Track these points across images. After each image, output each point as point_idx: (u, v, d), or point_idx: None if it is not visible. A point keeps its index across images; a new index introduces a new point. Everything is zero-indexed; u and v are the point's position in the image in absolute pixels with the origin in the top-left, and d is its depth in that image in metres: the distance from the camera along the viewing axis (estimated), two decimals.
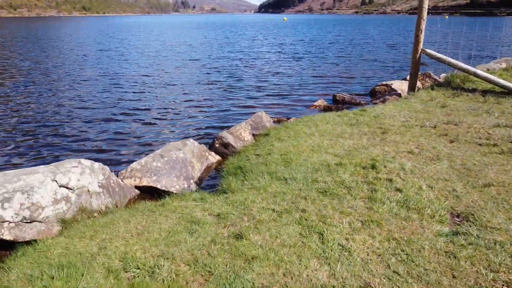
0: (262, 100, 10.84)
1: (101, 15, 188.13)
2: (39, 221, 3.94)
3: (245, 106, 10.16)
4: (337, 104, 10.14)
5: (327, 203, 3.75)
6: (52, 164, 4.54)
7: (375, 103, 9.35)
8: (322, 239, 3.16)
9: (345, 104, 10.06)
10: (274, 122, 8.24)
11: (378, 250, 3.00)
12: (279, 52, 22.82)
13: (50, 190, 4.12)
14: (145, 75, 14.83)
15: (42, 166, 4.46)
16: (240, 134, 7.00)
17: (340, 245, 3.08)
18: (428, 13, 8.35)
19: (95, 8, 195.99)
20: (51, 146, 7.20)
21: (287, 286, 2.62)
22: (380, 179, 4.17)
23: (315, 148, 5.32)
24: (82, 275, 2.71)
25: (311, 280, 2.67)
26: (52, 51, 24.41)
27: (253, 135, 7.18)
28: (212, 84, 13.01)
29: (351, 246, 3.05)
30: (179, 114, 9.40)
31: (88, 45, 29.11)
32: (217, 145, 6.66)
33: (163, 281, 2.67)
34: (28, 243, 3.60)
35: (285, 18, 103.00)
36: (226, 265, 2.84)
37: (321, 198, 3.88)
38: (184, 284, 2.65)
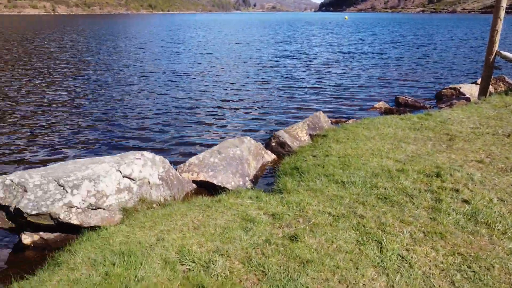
0: (320, 100, 10.69)
1: (165, 12, 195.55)
2: (103, 209, 4.15)
3: (303, 106, 10.06)
4: (399, 107, 9.73)
5: (386, 210, 3.59)
6: (117, 155, 4.77)
7: (441, 107, 8.86)
8: (381, 247, 3.03)
9: (408, 107, 9.63)
10: (332, 123, 8.08)
11: (442, 265, 2.82)
12: (338, 51, 22.39)
13: (114, 180, 4.32)
14: (203, 72, 15.17)
15: (108, 156, 4.69)
16: (297, 134, 6.94)
17: (400, 255, 2.93)
18: (506, 12, 7.76)
19: (160, 6, 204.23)
20: (117, 137, 7.57)
21: None
22: (445, 189, 3.93)
23: (375, 152, 5.13)
24: (141, 264, 2.81)
25: None
26: (118, 47, 25.72)
27: (310, 135, 7.08)
28: (269, 83, 13.02)
29: (411, 257, 2.90)
30: (236, 111, 9.52)
31: (150, 41, 30.34)
32: (273, 144, 6.64)
33: (217, 277, 2.69)
34: (92, 228, 3.80)
35: (346, 17, 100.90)
36: (280, 266, 2.81)
37: (380, 204, 3.73)
38: (237, 282, 2.66)
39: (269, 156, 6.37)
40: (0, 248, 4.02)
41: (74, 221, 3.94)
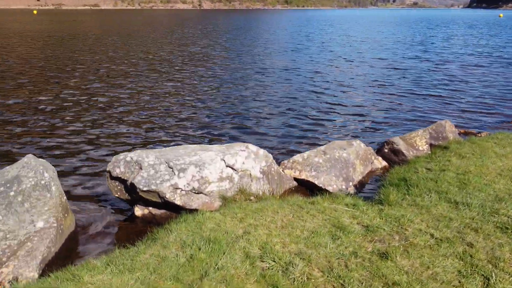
0: (448, 108, 9.60)
1: (300, 8, 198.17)
2: (205, 194, 4.38)
3: (426, 114, 9.14)
4: None
5: (504, 243, 3.08)
6: (223, 145, 4.99)
7: None
8: (487, 284, 2.61)
9: None
10: (459, 134, 7.24)
11: None
12: (482, 55, 19.90)
13: (218, 168, 4.53)
14: (319, 72, 14.86)
15: (215, 145, 4.94)
16: (414, 142, 6.38)
17: None
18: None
19: (295, 1, 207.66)
20: (225, 128, 7.86)
21: None
22: None
23: (504, 173, 4.44)
24: (224, 253, 2.89)
25: None
26: (244, 41, 26.85)
27: (431, 145, 6.45)
28: (389, 86, 12.11)
29: None
30: (348, 113, 9.10)
31: (276, 36, 31.01)
32: (385, 150, 6.23)
33: (294, 281, 2.63)
34: (192, 211, 4.04)
35: (501, 15, 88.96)
36: (362, 283, 2.61)
37: (498, 235, 3.21)
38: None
39: (379, 163, 5.99)
40: (117, 215, 4.55)
41: (178, 201, 4.25)
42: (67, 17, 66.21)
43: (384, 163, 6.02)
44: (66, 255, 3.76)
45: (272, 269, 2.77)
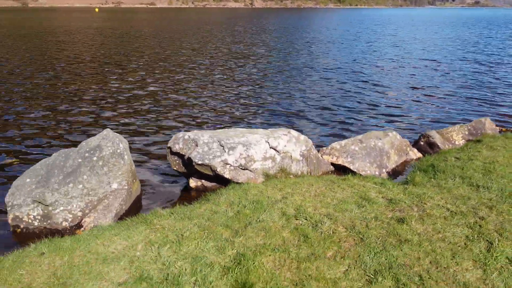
0: (491, 111, 9.59)
1: (353, 7, 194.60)
2: (250, 170, 5.02)
3: (468, 114, 9.23)
4: None
5: None
6: (268, 129, 5.59)
7: None
8: (490, 248, 3.03)
9: None
10: (500, 131, 7.38)
11: None
12: None
13: (262, 149, 5.15)
14: (362, 71, 15.08)
15: (261, 129, 5.56)
16: (450, 137, 6.66)
17: (508, 258, 2.90)
18: None
19: (348, 0, 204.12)
20: (271, 115, 8.57)
21: (428, 271, 2.73)
22: None
23: None
24: (264, 211, 3.50)
25: (456, 276, 2.70)
26: (301, 39, 27.28)
27: (468, 141, 6.69)
28: (434, 86, 12.19)
29: None
30: (389, 108, 9.40)
31: (322, 35, 31.13)
32: (421, 143, 6.56)
33: (321, 234, 3.19)
34: (238, 184, 4.69)
35: None
36: (378, 238, 3.12)
37: (511, 212, 3.57)
38: (337, 241, 3.10)
39: (414, 154, 6.34)
40: (175, 185, 5.30)
41: (227, 175, 4.91)
42: (127, 15, 69.71)
43: (419, 155, 6.36)
44: (133, 213, 4.53)
45: (303, 224, 3.34)
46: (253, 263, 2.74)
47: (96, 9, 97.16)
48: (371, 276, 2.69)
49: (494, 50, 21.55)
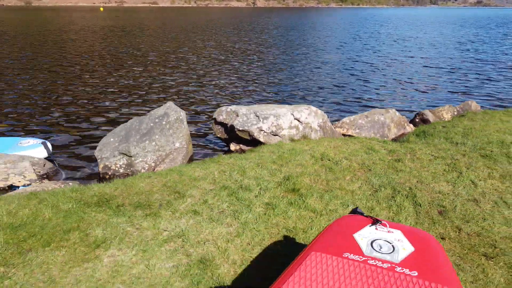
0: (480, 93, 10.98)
1: (355, 6, 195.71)
2: (279, 136, 6.34)
3: (461, 98, 10.60)
4: None
5: (481, 161, 4.75)
6: (292, 105, 6.92)
7: None
8: (460, 175, 4.34)
9: None
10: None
11: (499, 189, 4.01)
12: None
13: (288, 120, 6.47)
14: (374, 63, 16.40)
15: (287, 105, 6.88)
16: (441, 115, 7.98)
17: (472, 181, 4.21)
18: None
19: (350, 0, 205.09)
20: (295, 95, 10.12)
21: (415, 186, 4.05)
22: None
23: (501, 130, 6.02)
24: (298, 155, 4.83)
25: (434, 188, 4.02)
26: (304, 37, 28.58)
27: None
28: (430, 79, 13.58)
29: (479, 183, 4.15)
30: (392, 90, 10.80)
31: (317, 34, 32.41)
32: (416, 120, 7.89)
33: (341, 167, 4.51)
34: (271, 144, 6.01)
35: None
36: (382, 169, 4.45)
37: (478, 158, 4.88)
38: (352, 171, 4.42)
39: (411, 129, 7.66)
40: (218, 148, 6.64)
41: (261, 139, 6.24)
42: (131, 14, 71.04)
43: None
44: None
45: (327, 163, 4.66)
46: (297, 180, 4.07)
47: (101, 9, 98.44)
48: (377, 188, 4.02)
49: (488, 49, 22.82)
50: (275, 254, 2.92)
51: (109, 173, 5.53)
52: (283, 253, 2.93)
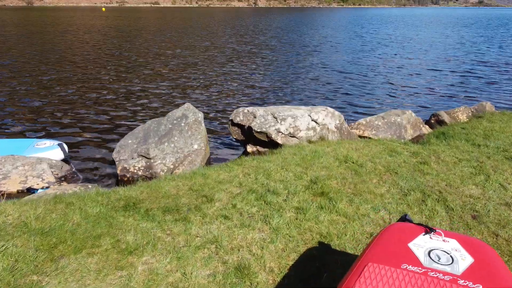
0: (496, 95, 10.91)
1: (356, 6, 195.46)
2: (296, 138, 6.27)
3: (475, 100, 10.53)
4: None
5: (507, 164, 4.68)
6: (309, 106, 6.85)
7: None
8: (488, 179, 4.27)
9: None
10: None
11: None
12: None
13: (305, 121, 6.40)
14: (381, 65, 16.32)
15: (303, 106, 6.82)
16: (457, 116, 7.91)
17: (500, 184, 4.14)
18: None
19: (352, 0, 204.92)
20: (313, 96, 10.16)
21: (445, 189, 3.98)
22: None
23: None
24: (321, 157, 4.76)
25: (464, 191, 3.95)
26: (302, 36, 28.51)
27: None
28: (447, 78, 13.50)
29: (509, 187, 4.08)
30: (406, 92, 10.74)
31: (332, 34, 32.35)
32: (432, 121, 7.81)
33: (366, 170, 4.44)
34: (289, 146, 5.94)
35: None
36: (408, 172, 4.38)
37: (503, 161, 4.81)
38: (378, 174, 4.35)
39: (426, 130, 7.59)
40: (235, 151, 6.58)
41: (279, 141, 6.17)
42: (134, 13, 71.02)
43: (430, 131, 7.61)
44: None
45: (352, 165, 4.59)
46: (324, 183, 4.00)
47: (103, 9, 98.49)
48: (405, 191, 3.95)
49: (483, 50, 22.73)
50: (312, 261, 2.86)
51: (128, 175, 5.47)
52: (320, 260, 2.86)
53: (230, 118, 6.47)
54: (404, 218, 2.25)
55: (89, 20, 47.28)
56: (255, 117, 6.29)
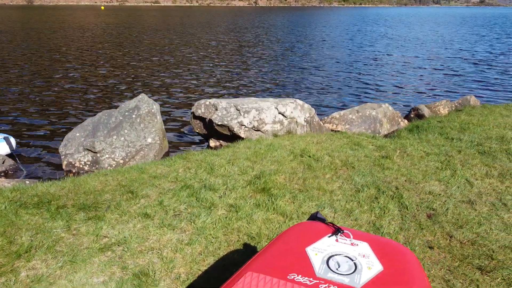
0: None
1: (357, 6, 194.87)
2: (261, 131, 5.87)
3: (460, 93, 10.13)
4: None
5: (478, 158, 4.28)
6: (277, 98, 6.44)
7: None
8: (454, 174, 3.87)
9: None
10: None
11: (497, 188, 3.54)
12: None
13: (272, 114, 6.00)
14: (363, 59, 15.91)
15: (271, 98, 6.41)
16: (438, 110, 7.49)
17: (467, 180, 3.74)
18: None
19: None
20: (281, 87, 9.62)
21: (403, 185, 3.58)
22: None
23: (500, 125, 5.53)
24: (276, 151, 4.36)
25: (424, 188, 3.54)
26: (303, 36, 28.12)
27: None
28: (431, 72, 13.10)
29: (475, 182, 3.68)
30: (386, 86, 10.33)
31: (318, 33, 31.97)
32: (411, 115, 7.40)
33: (322, 164, 4.04)
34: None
35: None
36: (366, 167, 3.98)
37: (476, 155, 4.40)
38: (334, 168, 3.95)
39: (405, 125, 7.17)
40: (198, 146, 6.18)
41: (242, 135, 5.77)
42: (135, 12, 70.71)
43: None
44: None
45: (308, 159, 4.20)
46: (270, 178, 3.60)
47: (102, 7, 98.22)
48: (359, 187, 3.55)
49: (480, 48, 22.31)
50: (230, 266, 2.46)
51: (73, 171, 5.08)
52: (240, 266, 2.46)
53: (192, 111, 6.07)
54: (314, 216, 1.86)
55: (82, 18, 46.97)
56: (216, 109, 5.89)
